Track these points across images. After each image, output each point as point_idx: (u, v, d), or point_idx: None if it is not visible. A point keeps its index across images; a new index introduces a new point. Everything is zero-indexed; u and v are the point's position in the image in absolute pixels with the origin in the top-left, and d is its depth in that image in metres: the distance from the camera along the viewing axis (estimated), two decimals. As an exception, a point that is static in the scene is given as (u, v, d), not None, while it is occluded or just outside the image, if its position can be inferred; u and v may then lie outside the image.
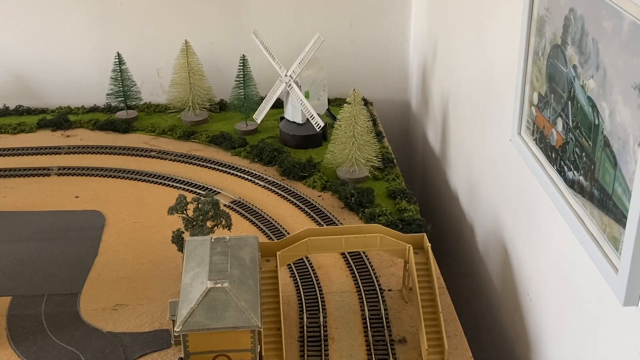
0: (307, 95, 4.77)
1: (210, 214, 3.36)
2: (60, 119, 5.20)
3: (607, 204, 2.32)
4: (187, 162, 4.70)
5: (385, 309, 3.36)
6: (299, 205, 4.18)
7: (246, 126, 5.08)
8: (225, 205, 4.15)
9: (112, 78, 5.20)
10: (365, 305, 3.39)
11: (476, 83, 4.01)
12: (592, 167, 2.42)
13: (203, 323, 2.73)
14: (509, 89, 3.26)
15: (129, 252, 3.82)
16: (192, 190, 4.34)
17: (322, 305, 3.39)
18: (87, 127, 5.18)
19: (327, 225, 3.99)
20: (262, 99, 4.98)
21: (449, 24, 4.61)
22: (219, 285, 2.76)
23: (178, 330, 2.75)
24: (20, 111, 5.41)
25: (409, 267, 3.28)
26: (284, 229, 3.96)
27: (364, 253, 3.72)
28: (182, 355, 2.82)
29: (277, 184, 4.42)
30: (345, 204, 4.18)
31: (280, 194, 4.31)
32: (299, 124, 4.83)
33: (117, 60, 5.14)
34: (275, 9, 5.41)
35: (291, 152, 4.73)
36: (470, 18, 4.09)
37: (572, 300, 2.79)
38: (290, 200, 4.24)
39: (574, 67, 2.50)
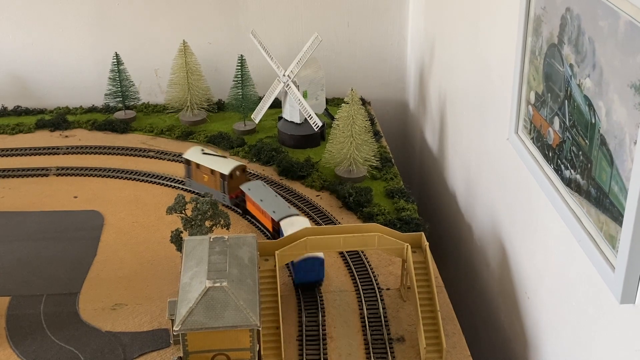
0: (305, 95, 4.78)
1: (208, 213, 3.37)
2: (59, 120, 5.20)
3: (604, 202, 2.33)
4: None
5: (383, 308, 3.37)
6: (297, 205, 4.19)
7: (244, 126, 5.09)
8: (223, 205, 4.16)
9: (110, 78, 5.21)
10: (364, 304, 3.40)
11: (473, 82, 4.02)
12: (589, 165, 2.43)
13: (202, 322, 2.74)
14: (506, 88, 3.27)
15: (127, 251, 3.83)
16: (190, 190, 4.35)
17: (321, 305, 3.39)
18: (86, 128, 5.19)
19: (325, 224, 3.99)
20: (260, 98, 4.99)
21: (446, 24, 4.62)
22: (217, 284, 2.77)
23: (177, 329, 2.75)
24: (18, 111, 5.42)
25: (407, 266, 3.29)
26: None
27: (362, 252, 3.73)
28: (181, 355, 2.83)
29: (276, 183, 4.42)
30: (344, 203, 4.19)
31: (279, 194, 4.31)
32: (297, 123, 4.84)
33: (115, 60, 5.15)
34: (273, 9, 5.41)
35: (289, 152, 4.74)
36: (467, 17, 4.10)
37: (570, 298, 2.81)
38: (288, 199, 4.25)
39: (571, 66, 2.51)
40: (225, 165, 4.17)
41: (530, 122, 2.97)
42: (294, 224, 3.66)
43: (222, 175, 4.13)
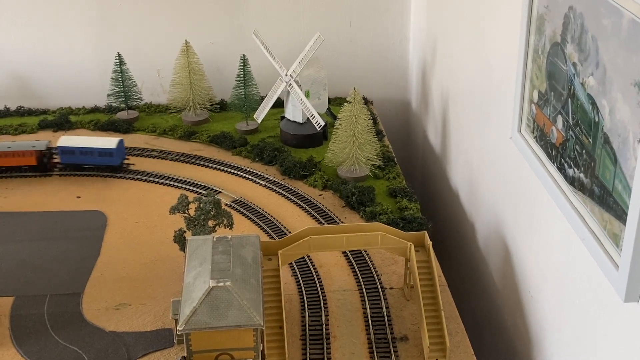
0: (307, 95, 4.78)
1: (211, 213, 3.37)
2: (61, 120, 5.21)
3: (608, 200, 2.33)
4: (188, 161, 4.71)
5: (386, 307, 3.37)
6: (300, 205, 4.19)
7: (247, 126, 5.09)
8: (226, 204, 4.16)
9: (112, 78, 5.22)
10: (367, 303, 3.40)
11: (476, 81, 4.01)
12: (593, 164, 2.43)
13: (206, 322, 2.74)
14: (509, 87, 3.27)
15: (130, 251, 3.83)
16: (193, 190, 4.35)
17: (324, 304, 3.40)
18: (88, 128, 5.19)
19: (328, 224, 4.00)
20: (263, 98, 4.99)
21: (448, 22, 4.62)
22: (221, 284, 2.77)
23: (181, 329, 2.76)
24: (21, 112, 5.42)
25: (410, 265, 3.30)
26: (285, 228, 3.97)
27: (365, 251, 3.73)
28: (185, 354, 2.83)
29: (278, 183, 4.43)
30: (346, 202, 4.19)
31: (281, 193, 4.32)
32: (299, 123, 4.84)
33: (117, 60, 5.15)
34: (275, 9, 5.42)
35: (292, 152, 4.74)
36: (470, 16, 4.10)
37: (573, 297, 2.81)
38: (291, 199, 4.25)
39: (574, 64, 2.51)
40: None
41: (533, 121, 2.97)
42: (72, 137, 4.56)
43: None
